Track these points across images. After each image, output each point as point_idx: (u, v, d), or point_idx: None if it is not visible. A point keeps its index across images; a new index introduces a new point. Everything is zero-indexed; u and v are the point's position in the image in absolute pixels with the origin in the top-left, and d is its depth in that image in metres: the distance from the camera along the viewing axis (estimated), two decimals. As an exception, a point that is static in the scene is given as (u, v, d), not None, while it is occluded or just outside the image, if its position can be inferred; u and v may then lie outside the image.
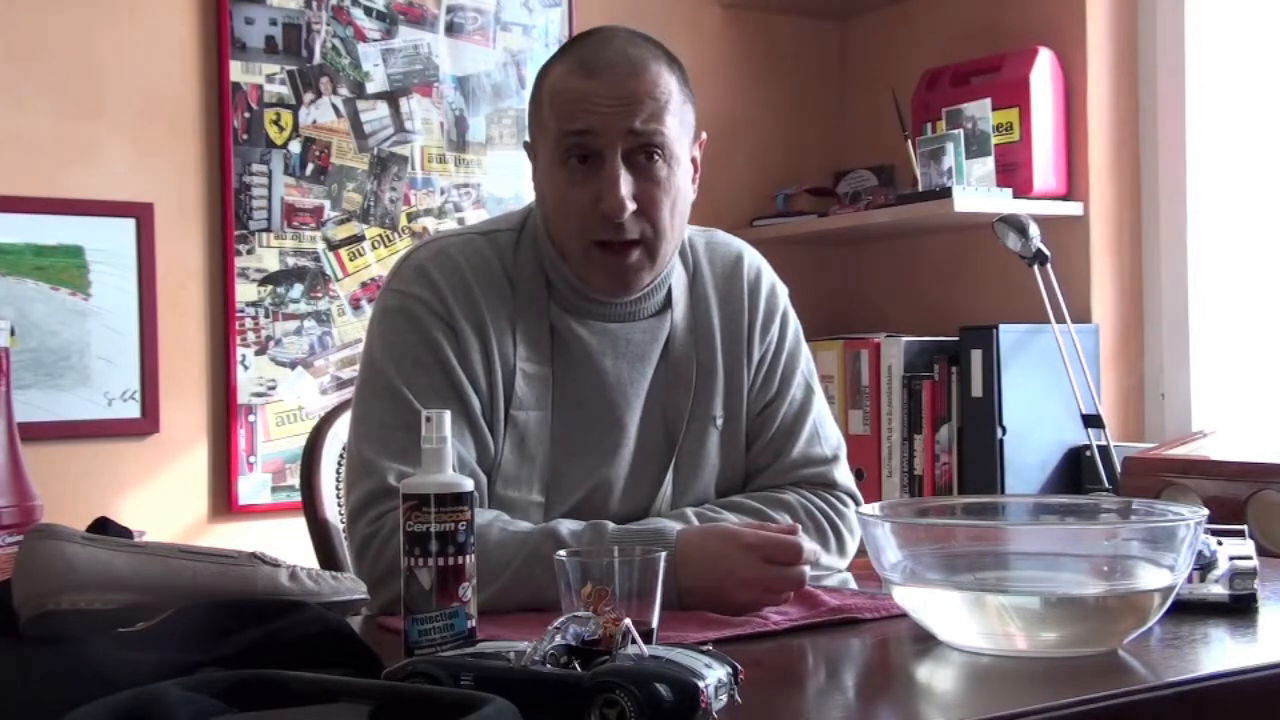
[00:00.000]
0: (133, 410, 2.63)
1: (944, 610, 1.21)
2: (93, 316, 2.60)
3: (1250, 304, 2.82)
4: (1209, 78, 2.86)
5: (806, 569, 1.41)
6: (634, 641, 0.99)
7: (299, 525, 1.95)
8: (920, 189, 2.88)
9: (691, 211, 1.64)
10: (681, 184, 1.56)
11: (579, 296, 1.59)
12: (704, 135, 1.64)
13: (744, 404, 1.68)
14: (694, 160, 1.62)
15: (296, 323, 2.79)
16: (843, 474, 1.71)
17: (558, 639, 0.98)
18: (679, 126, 1.54)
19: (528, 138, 1.63)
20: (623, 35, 1.56)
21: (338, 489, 1.92)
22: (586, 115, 1.50)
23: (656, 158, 1.52)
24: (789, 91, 3.40)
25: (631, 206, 1.51)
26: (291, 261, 2.78)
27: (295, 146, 2.79)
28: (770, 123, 3.36)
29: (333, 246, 2.83)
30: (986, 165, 2.83)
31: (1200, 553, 1.35)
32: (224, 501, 2.73)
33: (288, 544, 1.80)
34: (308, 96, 2.80)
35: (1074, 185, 2.90)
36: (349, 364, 2.81)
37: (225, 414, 2.72)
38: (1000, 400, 2.71)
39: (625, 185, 1.50)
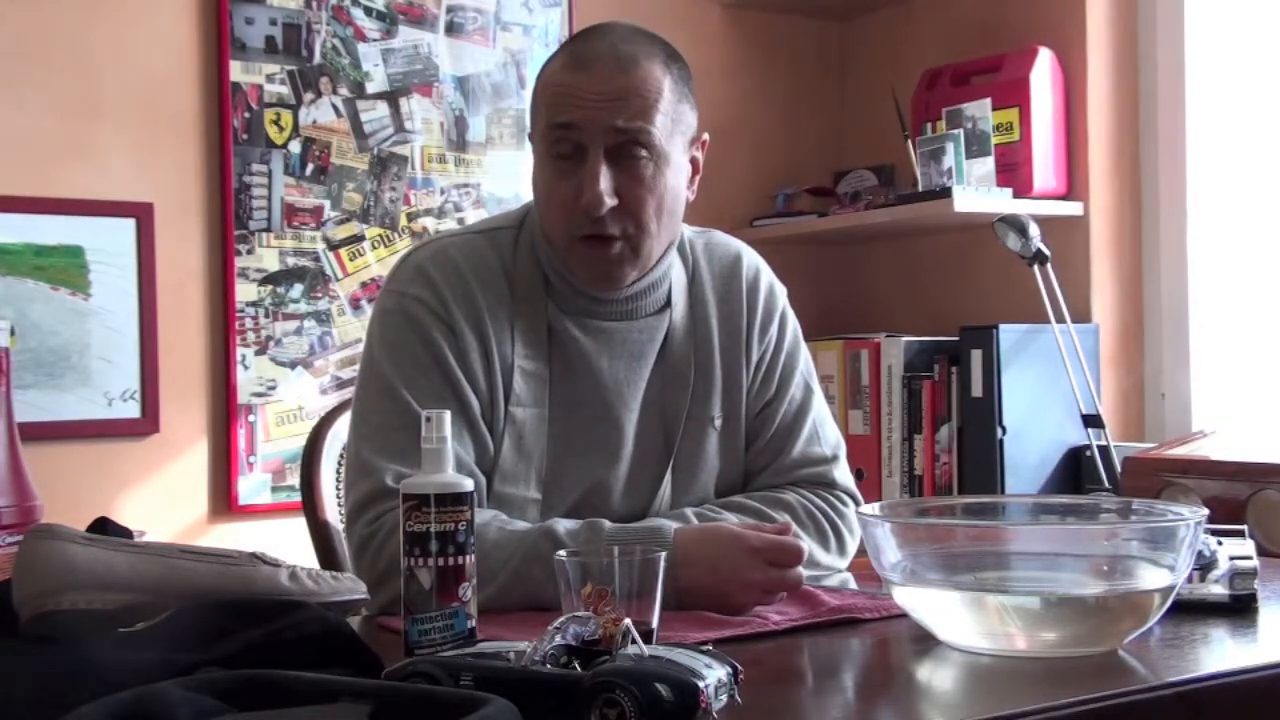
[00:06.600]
0: (133, 410, 2.63)
1: (944, 610, 1.21)
2: (93, 316, 2.60)
3: (1250, 304, 2.81)
4: (1209, 78, 2.86)
5: (802, 569, 1.42)
6: (634, 641, 0.99)
7: (299, 525, 1.95)
8: (920, 189, 2.88)
9: (691, 211, 1.64)
10: (671, 183, 1.54)
11: (576, 294, 1.59)
12: (706, 136, 1.62)
13: (742, 404, 1.67)
14: (693, 161, 1.61)
15: (296, 323, 2.79)
16: (842, 474, 1.70)
17: (558, 639, 0.98)
18: (669, 125, 1.52)
19: (530, 129, 1.63)
20: (621, 31, 1.56)
21: (338, 489, 1.92)
22: (572, 109, 1.50)
23: (641, 155, 1.50)
24: (789, 91, 3.40)
25: (612, 202, 1.49)
26: (291, 261, 2.78)
27: (295, 146, 2.79)
28: (770, 123, 3.36)
29: (333, 246, 2.83)
30: (986, 165, 2.83)
31: (1200, 553, 1.35)
32: (224, 501, 2.73)
33: (288, 544, 1.80)
34: (308, 96, 2.80)
35: (1074, 185, 2.90)
36: (349, 364, 2.81)
37: (225, 414, 2.72)
38: (1000, 400, 2.71)
39: (605, 180, 1.49)
